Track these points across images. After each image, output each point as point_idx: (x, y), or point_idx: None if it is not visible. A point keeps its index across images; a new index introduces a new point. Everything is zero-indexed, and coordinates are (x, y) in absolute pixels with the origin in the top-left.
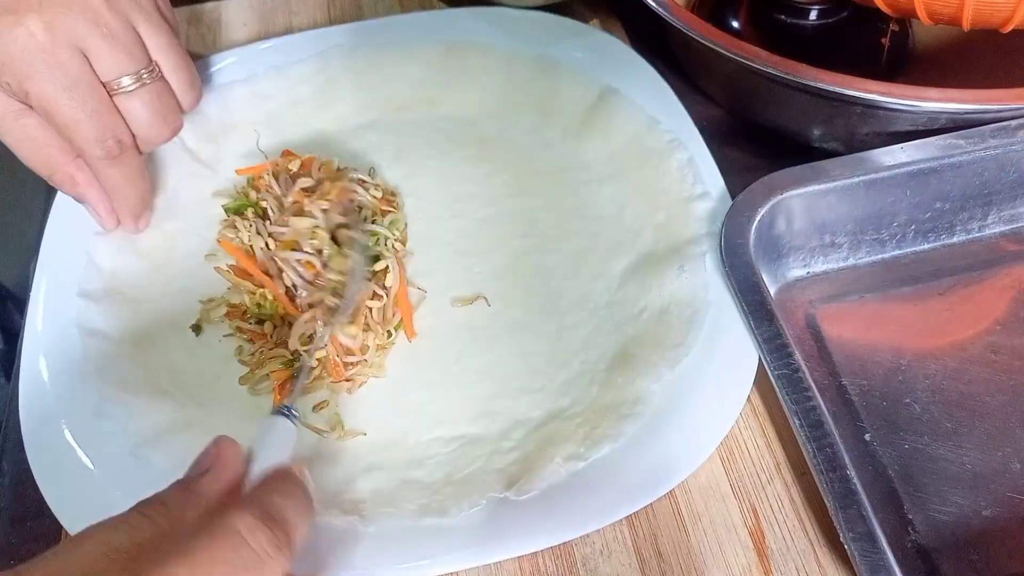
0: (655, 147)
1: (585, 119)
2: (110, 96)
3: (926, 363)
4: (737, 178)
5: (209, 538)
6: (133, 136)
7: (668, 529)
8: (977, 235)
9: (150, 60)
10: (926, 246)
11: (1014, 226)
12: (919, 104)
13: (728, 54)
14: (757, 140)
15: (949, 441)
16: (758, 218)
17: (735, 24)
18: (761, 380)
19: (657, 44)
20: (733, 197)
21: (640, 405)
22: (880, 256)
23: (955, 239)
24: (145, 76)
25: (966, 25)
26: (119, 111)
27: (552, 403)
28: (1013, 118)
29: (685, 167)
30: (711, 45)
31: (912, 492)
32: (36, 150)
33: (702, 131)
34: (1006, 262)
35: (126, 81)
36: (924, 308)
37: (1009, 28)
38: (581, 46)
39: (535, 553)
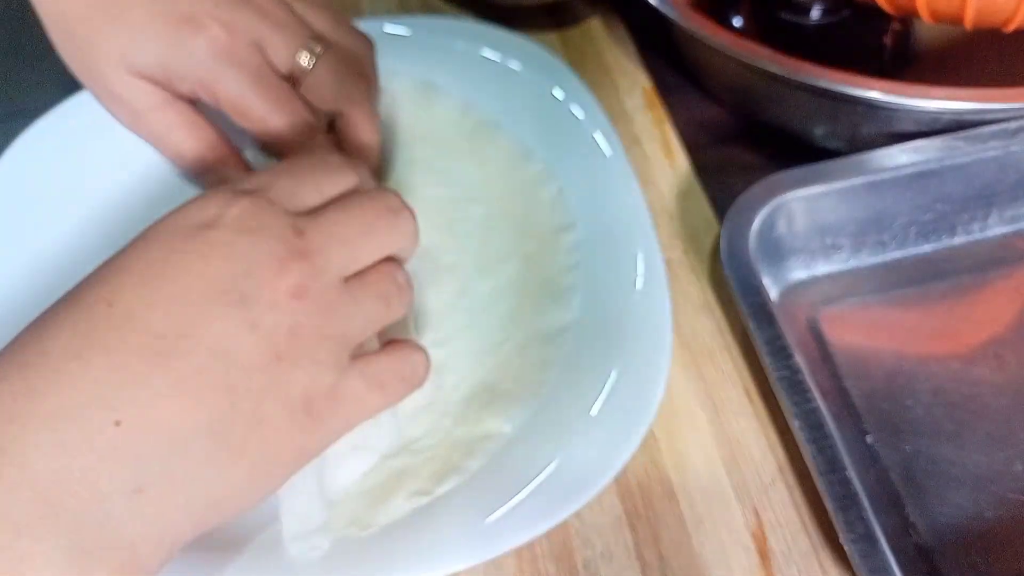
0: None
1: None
2: (293, 84)
3: (928, 365)
4: (738, 178)
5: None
6: (316, 117)
7: (670, 531)
8: (979, 236)
9: (317, 35)
10: (928, 248)
11: (1016, 227)
12: (922, 103)
13: (730, 52)
14: (759, 139)
15: (951, 443)
16: (758, 220)
17: (737, 22)
18: (762, 383)
19: (658, 42)
20: (734, 197)
21: (490, 442)
22: (882, 258)
23: (956, 240)
24: (318, 50)
25: (968, 24)
26: (303, 98)
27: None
28: (1017, 118)
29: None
30: (713, 43)
31: (914, 494)
32: (189, 135)
33: (702, 131)
34: (1008, 263)
35: (303, 60)
36: (926, 310)
37: (1012, 27)
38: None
39: (535, 556)
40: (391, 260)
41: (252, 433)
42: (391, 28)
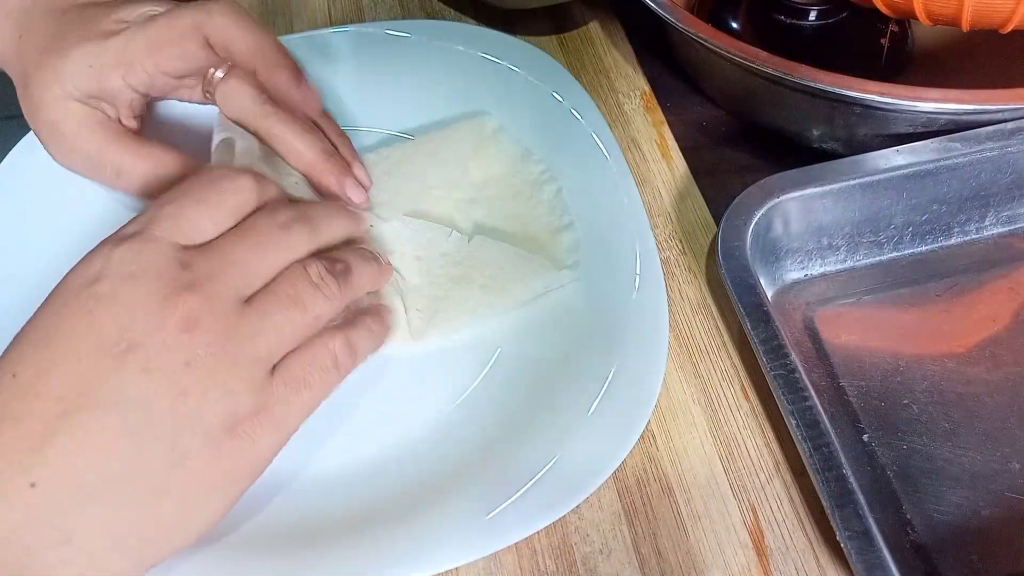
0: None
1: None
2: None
3: (924, 364)
4: (736, 178)
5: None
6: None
7: (667, 528)
8: (975, 237)
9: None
10: (923, 248)
11: (1012, 227)
12: (917, 104)
13: (727, 54)
14: (757, 141)
15: (948, 441)
16: (754, 221)
17: (734, 24)
18: (759, 381)
19: (656, 45)
20: (731, 198)
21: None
22: (878, 258)
23: (952, 241)
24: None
25: (965, 26)
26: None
27: None
28: (1013, 119)
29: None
30: (710, 45)
31: (910, 492)
32: (129, 146)
33: (700, 133)
34: (1004, 263)
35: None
36: (922, 310)
37: (1008, 29)
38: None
39: (534, 552)
40: (304, 260)
41: (173, 470)
42: (392, 32)
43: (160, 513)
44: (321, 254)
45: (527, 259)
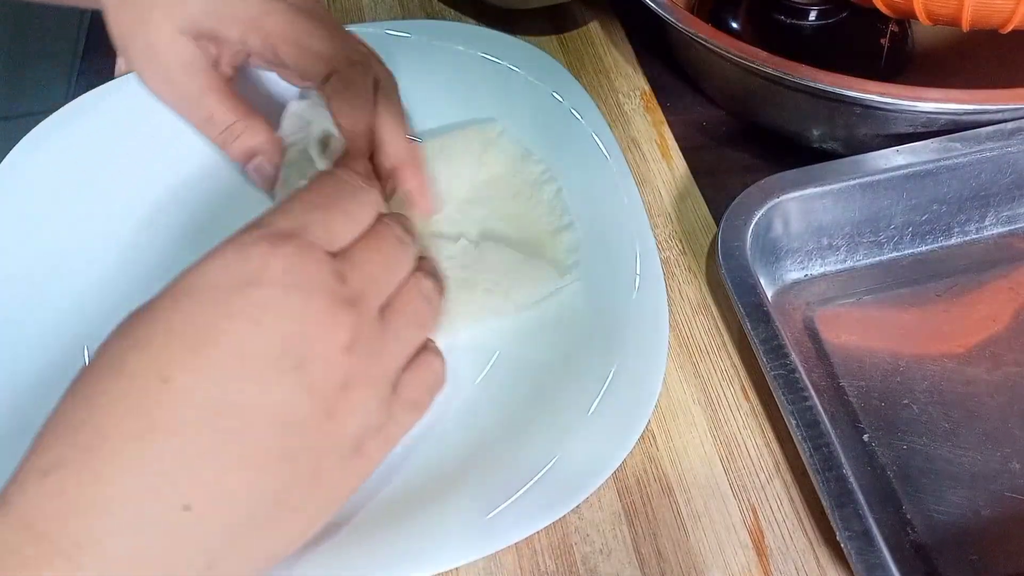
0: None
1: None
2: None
3: (924, 364)
4: (736, 178)
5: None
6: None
7: (667, 528)
8: (975, 237)
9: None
10: (924, 248)
11: (1012, 227)
12: (918, 104)
13: (727, 54)
14: (757, 141)
15: (948, 441)
16: (754, 221)
17: (734, 24)
18: (759, 381)
19: (656, 45)
20: (732, 198)
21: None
22: (878, 258)
23: (953, 241)
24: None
25: (965, 26)
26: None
27: None
28: (1013, 119)
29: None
30: (710, 45)
31: (911, 492)
32: (223, 100)
33: (700, 133)
34: (1004, 263)
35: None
36: (922, 310)
37: (1008, 28)
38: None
39: (534, 552)
40: (415, 275)
41: (310, 491)
42: (393, 32)
43: (291, 530)
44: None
45: (531, 264)
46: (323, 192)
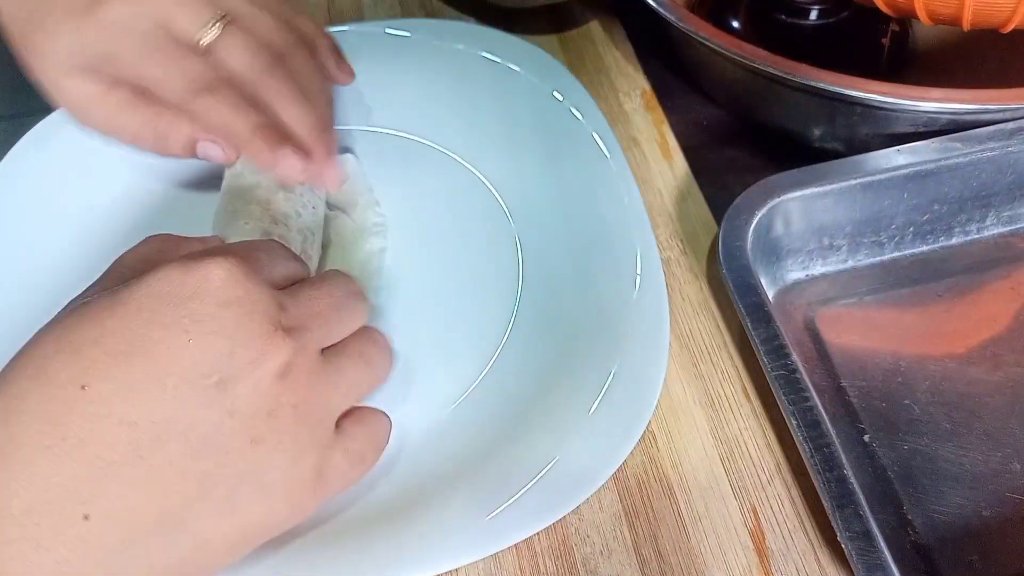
0: None
1: None
2: (202, 54)
3: (925, 364)
4: (737, 178)
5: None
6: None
7: (668, 529)
8: (976, 237)
9: (224, 11)
10: (924, 248)
11: (1013, 227)
12: (919, 104)
13: (728, 53)
14: (758, 140)
15: (949, 442)
16: (755, 221)
17: (735, 24)
18: (760, 381)
19: (657, 44)
20: (732, 198)
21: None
22: (879, 258)
23: (954, 241)
24: (221, 23)
25: (966, 25)
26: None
27: None
28: (1014, 118)
29: None
30: (711, 44)
31: (911, 492)
32: (134, 113)
33: (701, 132)
34: (1005, 263)
35: (207, 35)
36: (923, 310)
37: (1009, 28)
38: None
39: (534, 553)
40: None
41: (223, 519)
42: (392, 31)
43: (201, 558)
44: None
45: None
46: (255, 242)
